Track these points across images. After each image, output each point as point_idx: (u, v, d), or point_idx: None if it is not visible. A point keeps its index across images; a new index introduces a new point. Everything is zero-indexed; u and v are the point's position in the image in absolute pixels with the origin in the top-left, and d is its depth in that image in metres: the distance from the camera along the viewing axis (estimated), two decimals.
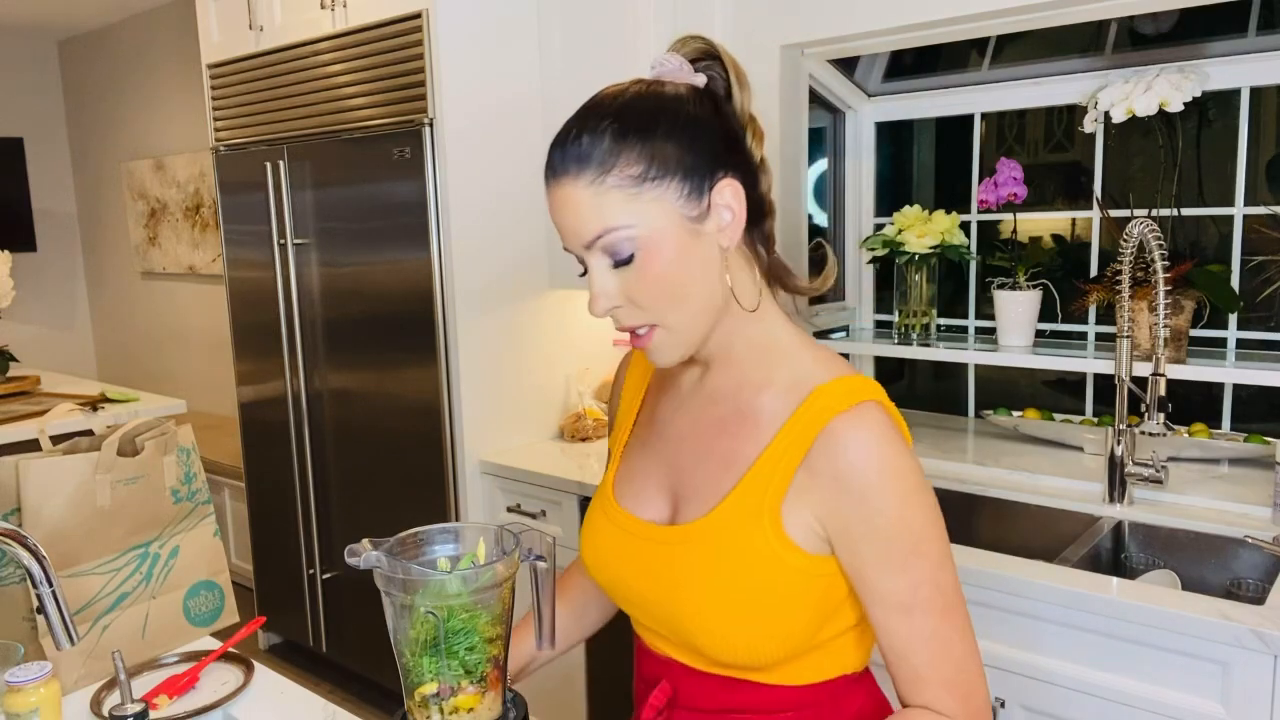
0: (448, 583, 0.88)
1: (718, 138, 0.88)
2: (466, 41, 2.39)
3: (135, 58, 4.85)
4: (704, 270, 0.87)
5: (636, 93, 0.89)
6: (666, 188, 0.85)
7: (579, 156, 0.86)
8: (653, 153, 0.85)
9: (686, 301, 0.87)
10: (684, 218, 0.86)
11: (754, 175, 0.92)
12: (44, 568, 1.05)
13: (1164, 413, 1.77)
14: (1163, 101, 1.99)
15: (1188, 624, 1.39)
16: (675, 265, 0.86)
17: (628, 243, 0.85)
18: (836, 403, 0.86)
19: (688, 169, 0.85)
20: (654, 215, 0.85)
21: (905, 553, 0.85)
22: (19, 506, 2.00)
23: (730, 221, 0.87)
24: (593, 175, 0.85)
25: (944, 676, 0.86)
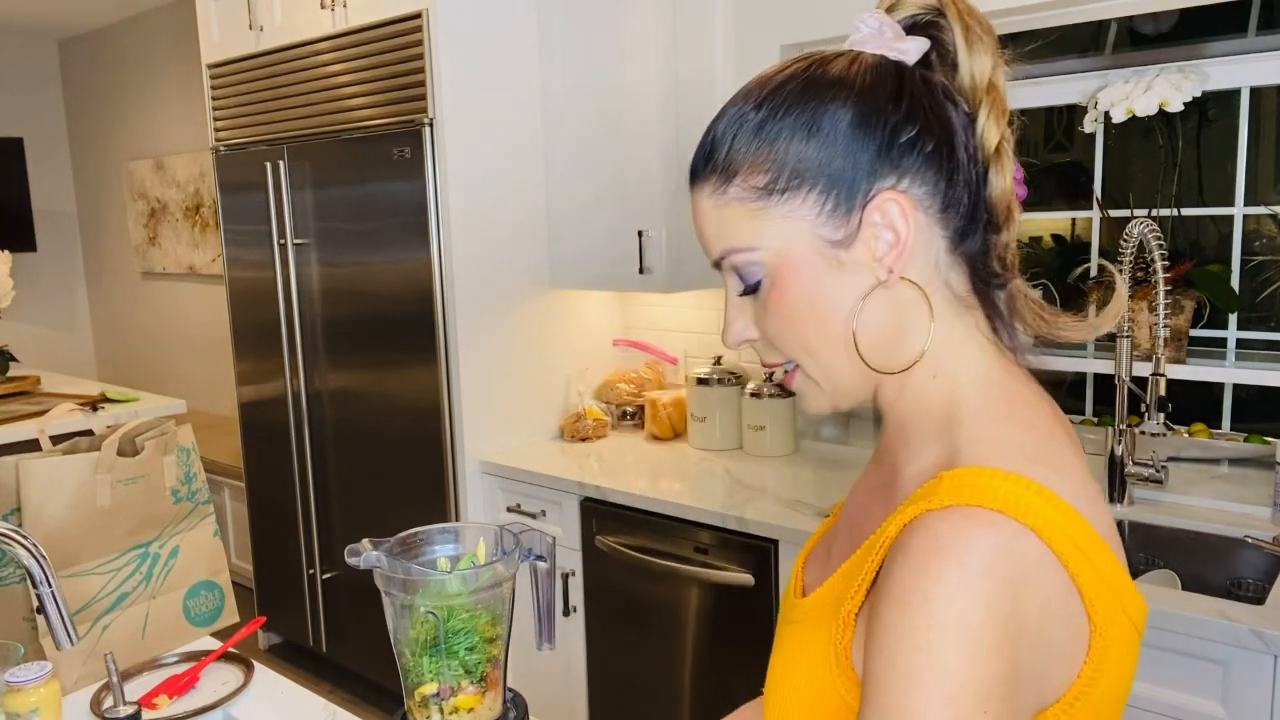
0: (448, 583, 0.89)
1: (894, 130, 0.66)
2: (466, 41, 2.39)
3: (135, 58, 4.85)
4: (855, 304, 0.67)
5: (790, 74, 0.69)
6: (801, 202, 0.67)
7: (705, 159, 0.71)
8: (786, 156, 0.67)
9: (823, 345, 0.69)
10: (823, 241, 0.67)
11: (972, 173, 0.68)
12: (44, 568, 1.05)
13: (1164, 413, 1.77)
14: (1163, 101, 1.99)
15: (1188, 624, 1.39)
16: (808, 301, 0.68)
17: (754, 267, 0.69)
18: (940, 496, 0.62)
19: (833, 178, 0.66)
20: (783, 236, 0.67)
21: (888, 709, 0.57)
22: (19, 506, 2.00)
23: (891, 247, 0.66)
24: (715, 183, 0.70)
25: None
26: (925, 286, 0.68)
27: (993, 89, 0.69)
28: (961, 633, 0.56)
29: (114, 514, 2.11)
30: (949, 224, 0.68)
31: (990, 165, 0.68)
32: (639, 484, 2.21)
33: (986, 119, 0.68)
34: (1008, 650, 0.57)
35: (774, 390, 2.33)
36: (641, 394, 2.71)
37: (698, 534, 2.07)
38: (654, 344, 2.79)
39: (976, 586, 0.57)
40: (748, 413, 2.39)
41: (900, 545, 0.62)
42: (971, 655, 0.56)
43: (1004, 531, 0.59)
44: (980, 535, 0.59)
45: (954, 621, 0.57)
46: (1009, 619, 0.57)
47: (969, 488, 0.61)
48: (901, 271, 0.67)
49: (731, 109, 0.70)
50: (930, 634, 0.57)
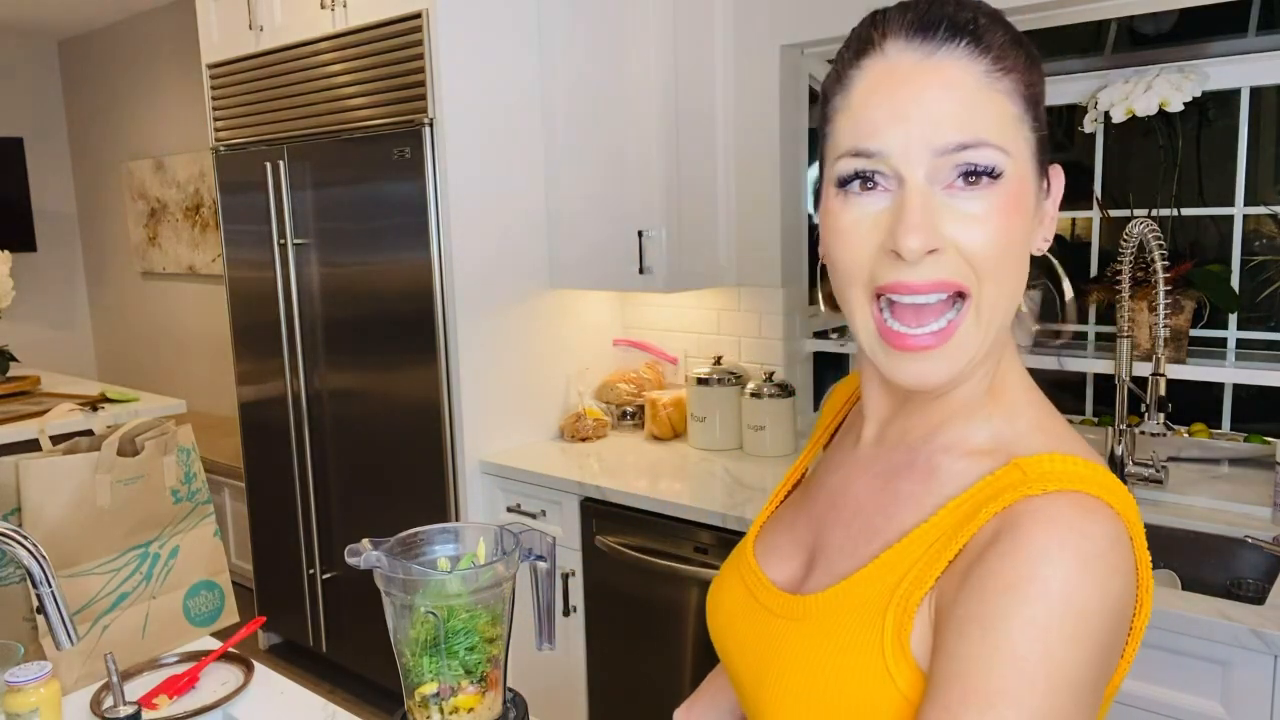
0: (448, 583, 0.89)
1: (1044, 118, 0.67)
2: (466, 41, 2.39)
3: (135, 58, 4.85)
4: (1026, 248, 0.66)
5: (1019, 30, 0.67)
6: (1037, 143, 0.65)
7: (975, 32, 0.62)
8: (1035, 85, 0.65)
9: (1016, 278, 0.65)
10: (1036, 184, 0.66)
11: None
12: (44, 568, 1.05)
13: (1164, 413, 1.77)
14: (1163, 101, 1.99)
15: (1188, 624, 1.39)
16: (1022, 229, 0.64)
17: (999, 159, 0.62)
18: (1033, 482, 0.61)
19: (1043, 126, 0.66)
20: (1027, 158, 0.64)
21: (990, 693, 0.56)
22: (19, 506, 2.00)
23: (1052, 214, 0.68)
24: (990, 64, 0.62)
25: None
26: None
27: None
28: (1079, 624, 0.56)
29: (114, 514, 2.11)
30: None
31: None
32: (639, 484, 2.21)
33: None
34: (1110, 638, 0.58)
35: (774, 390, 2.33)
36: (641, 394, 2.71)
37: (698, 534, 2.06)
38: (654, 344, 2.79)
39: (1095, 577, 0.57)
40: (748, 413, 2.39)
41: (1004, 533, 0.59)
42: (1083, 646, 0.56)
43: (1111, 519, 0.59)
44: (1096, 522, 0.58)
45: (1075, 613, 0.56)
46: (1114, 607, 0.58)
47: (1063, 474, 0.60)
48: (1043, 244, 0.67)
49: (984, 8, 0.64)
50: (1049, 622, 0.56)
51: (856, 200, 0.64)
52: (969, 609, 0.59)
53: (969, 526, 0.62)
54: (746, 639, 0.77)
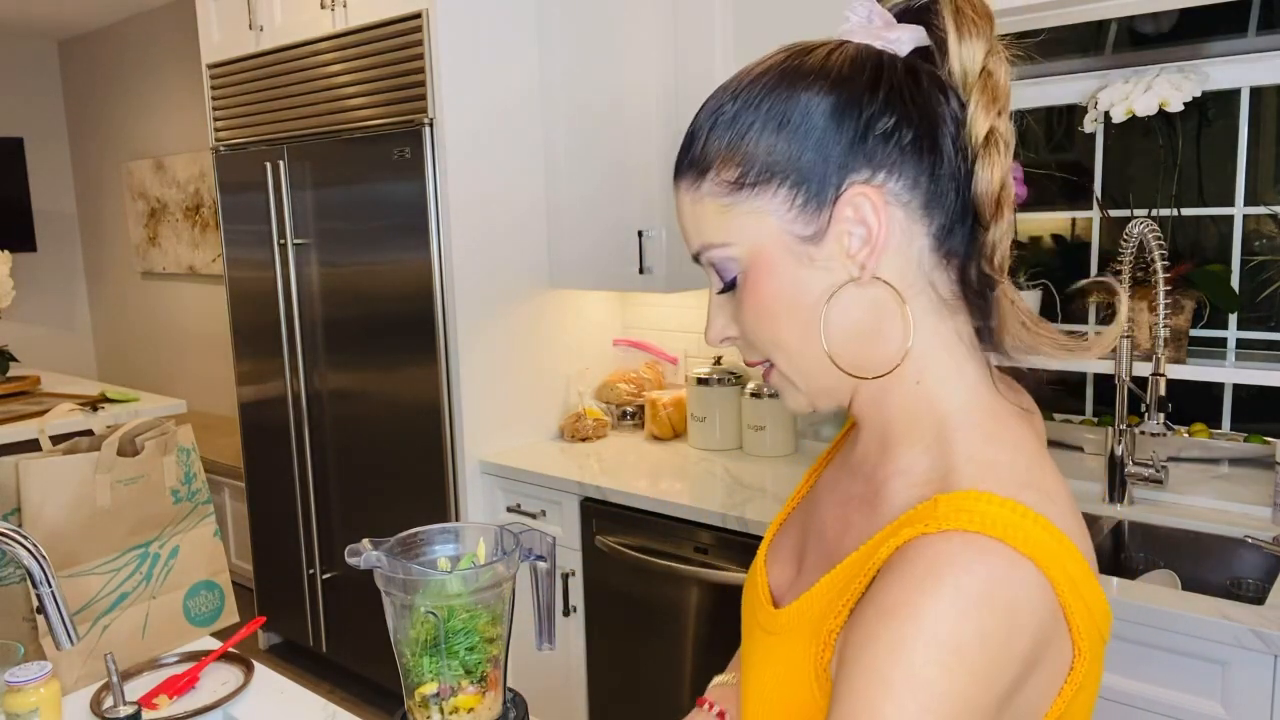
0: (448, 583, 0.89)
1: (870, 119, 0.63)
2: (466, 41, 2.39)
3: (135, 58, 4.85)
4: (824, 300, 0.65)
5: (774, 64, 0.67)
6: (770, 197, 0.65)
7: (683, 154, 0.69)
8: (756, 150, 0.64)
9: (796, 344, 0.67)
10: (792, 237, 0.65)
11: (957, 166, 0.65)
12: (44, 568, 1.05)
13: (1164, 413, 1.77)
14: (1163, 101, 1.99)
15: (1188, 624, 1.39)
16: (778, 298, 0.66)
17: (729, 264, 0.67)
18: (938, 519, 0.59)
19: (802, 172, 0.64)
20: (754, 232, 0.65)
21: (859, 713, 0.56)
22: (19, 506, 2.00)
23: (863, 243, 0.64)
24: (691, 179, 0.68)
25: None
26: (906, 287, 0.65)
27: (987, 77, 0.65)
28: (947, 651, 0.54)
29: (114, 514, 2.11)
30: (932, 221, 0.65)
31: (979, 157, 0.64)
32: (639, 484, 2.21)
33: (975, 108, 0.64)
34: (995, 681, 0.56)
35: (774, 390, 2.34)
36: (641, 394, 2.71)
37: (698, 534, 2.07)
38: (654, 344, 2.79)
39: (971, 612, 0.55)
40: (748, 413, 2.39)
41: (893, 565, 0.60)
42: (954, 675, 0.54)
43: (1004, 559, 0.57)
44: (980, 561, 0.57)
45: (943, 639, 0.55)
46: (1002, 650, 0.56)
47: (968, 513, 0.59)
48: (875, 269, 0.64)
49: (711, 102, 0.68)
50: (915, 645, 0.55)
51: None
52: (852, 636, 0.59)
53: (875, 558, 0.62)
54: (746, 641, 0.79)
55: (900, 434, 0.68)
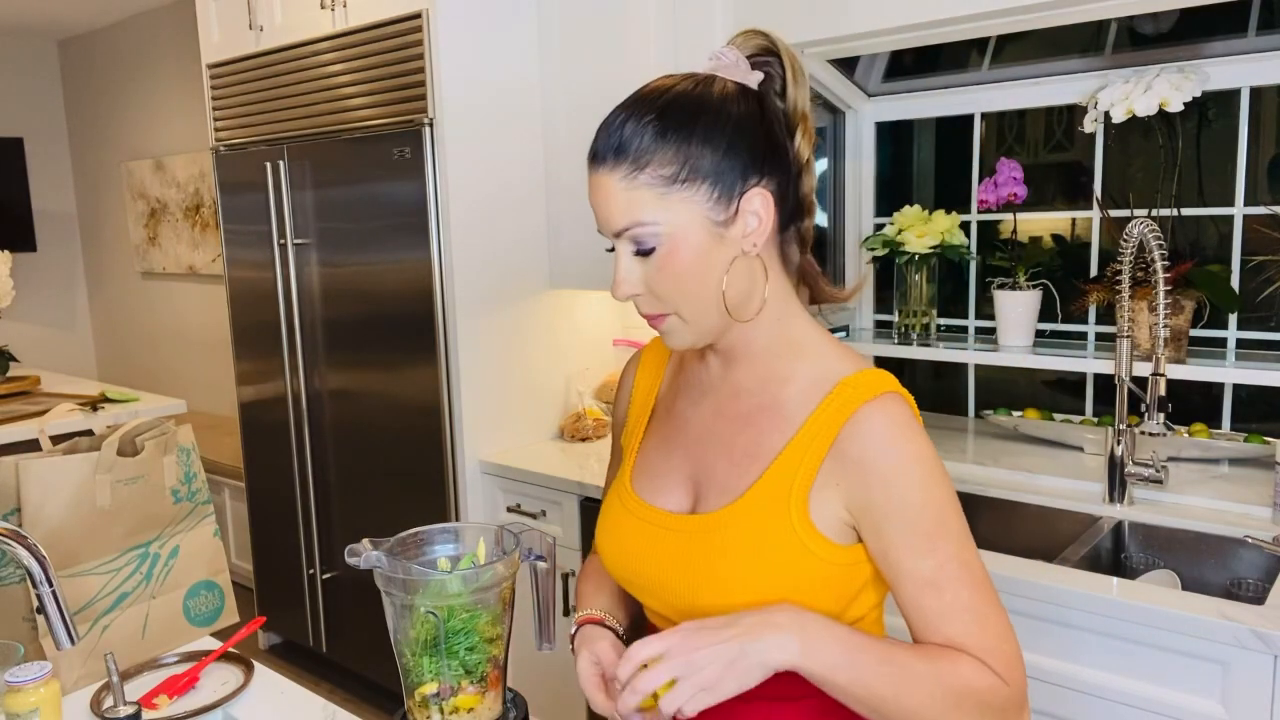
0: (448, 583, 0.89)
1: (757, 142, 0.89)
2: (466, 41, 2.39)
3: (135, 58, 4.85)
4: (723, 271, 0.90)
5: (684, 90, 0.90)
6: (696, 191, 0.87)
7: (618, 148, 0.88)
8: (688, 155, 0.87)
9: (702, 298, 0.90)
10: (710, 221, 0.88)
11: (794, 176, 0.93)
12: (44, 568, 1.05)
13: (1164, 413, 1.77)
14: (1163, 101, 1.99)
15: (1188, 624, 1.39)
16: (695, 264, 0.89)
17: (653, 237, 0.88)
18: (862, 393, 0.89)
19: (720, 174, 0.88)
20: (681, 215, 0.88)
21: (931, 533, 0.87)
22: (19, 506, 2.00)
23: (756, 228, 0.90)
24: (628, 169, 0.87)
25: (984, 646, 0.86)
26: (770, 258, 0.94)
27: (805, 116, 0.93)
28: (935, 465, 0.89)
29: (114, 514, 2.11)
30: (783, 213, 0.93)
31: (802, 171, 0.94)
32: None
33: (801, 138, 0.93)
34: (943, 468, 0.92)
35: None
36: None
37: None
38: None
39: (924, 437, 0.90)
40: None
41: (861, 429, 0.88)
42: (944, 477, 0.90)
43: (908, 402, 0.92)
44: (906, 408, 0.91)
45: (930, 460, 0.89)
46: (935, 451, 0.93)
47: (875, 383, 0.91)
48: (759, 248, 0.91)
49: (635, 114, 0.89)
50: (934, 472, 0.89)
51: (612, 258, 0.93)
52: (883, 495, 0.88)
53: (831, 429, 0.90)
54: (656, 558, 0.96)
55: (775, 355, 0.96)
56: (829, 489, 0.90)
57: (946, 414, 2.62)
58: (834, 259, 2.72)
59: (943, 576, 0.87)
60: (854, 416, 0.88)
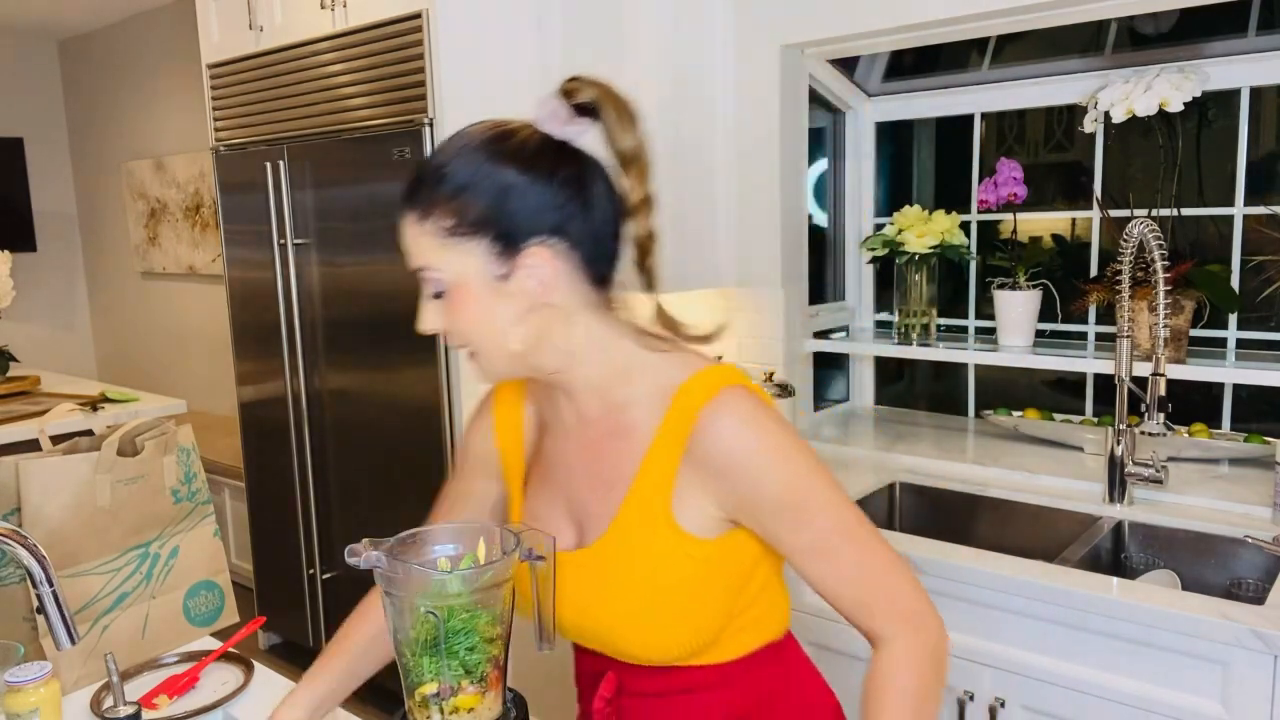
0: (448, 583, 0.89)
1: (548, 196, 0.90)
2: (466, 42, 2.39)
3: (135, 58, 4.85)
4: (509, 322, 0.92)
5: (479, 143, 0.91)
6: (475, 244, 0.89)
7: (412, 193, 0.92)
8: (466, 210, 0.89)
9: (491, 343, 0.93)
10: (490, 275, 0.90)
11: (611, 221, 0.94)
12: (44, 568, 1.05)
13: (1164, 413, 1.77)
14: (1163, 101, 1.99)
15: (1188, 624, 1.39)
16: (479, 314, 0.91)
17: (438, 283, 0.92)
18: (699, 397, 0.92)
19: (499, 230, 0.89)
20: (459, 266, 0.90)
21: (800, 507, 0.92)
22: (19, 506, 2.00)
23: (538, 285, 0.90)
24: (416, 216, 0.91)
25: (879, 597, 0.95)
26: (576, 306, 0.93)
27: (638, 159, 0.93)
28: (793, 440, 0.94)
29: (114, 514, 2.11)
30: (592, 268, 0.93)
31: (635, 214, 0.94)
32: None
33: (632, 181, 0.93)
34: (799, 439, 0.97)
35: (774, 390, 2.34)
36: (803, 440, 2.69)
37: None
38: None
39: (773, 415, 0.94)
40: None
41: (707, 434, 0.91)
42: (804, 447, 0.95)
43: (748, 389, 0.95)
44: (746, 396, 0.93)
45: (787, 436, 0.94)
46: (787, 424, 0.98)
47: (714, 381, 0.93)
48: (548, 299, 0.91)
49: (438, 157, 0.91)
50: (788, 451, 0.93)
51: None
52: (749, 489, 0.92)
53: (679, 439, 0.93)
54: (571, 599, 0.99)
55: (609, 386, 0.98)
56: (692, 494, 0.93)
57: (946, 414, 2.62)
58: (834, 259, 2.72)
59: (824, 545, 0.93)
60: (697, 423, 0.91)
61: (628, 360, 0.97)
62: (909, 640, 0.94)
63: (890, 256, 2.43)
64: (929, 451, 2.25)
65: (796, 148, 2.43)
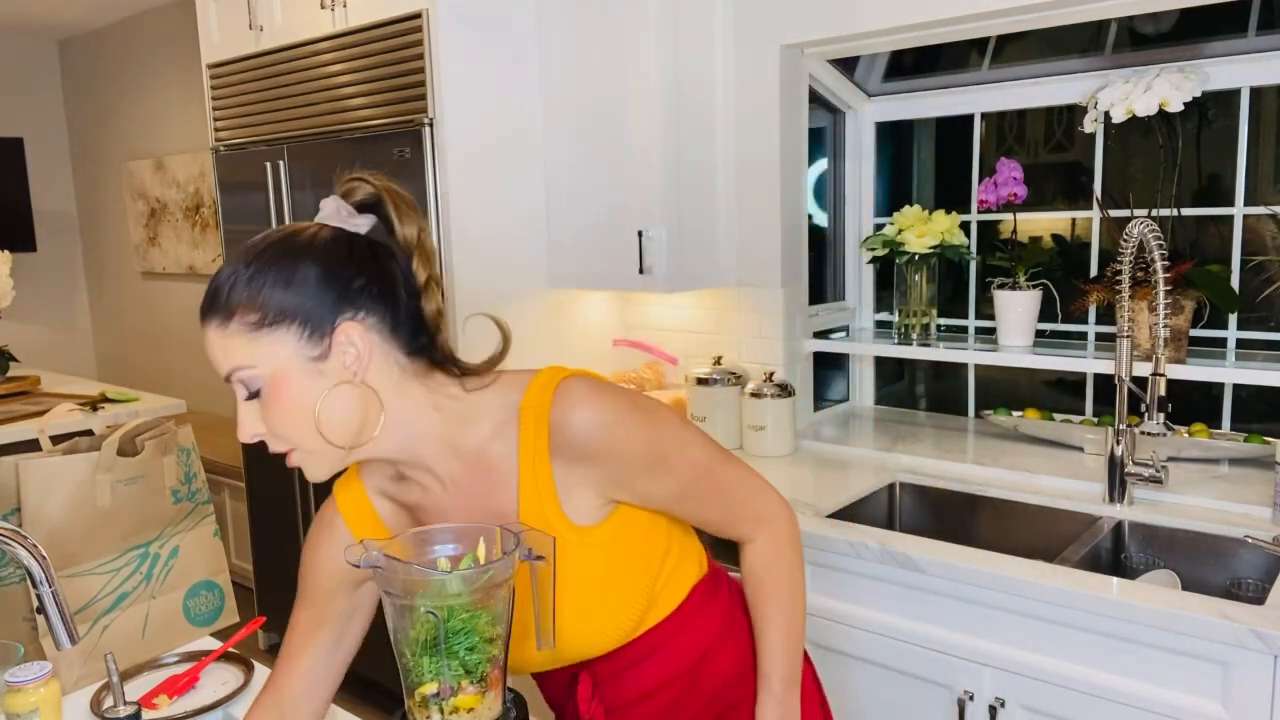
0: (448, 583, 0.89)
1: (346, 279, 0.94)
2: (467, 42, 2.39)
3: (135, 58, 4.85)
4: (334, 400, 0.94)
5: (271, 242, 0.95)
6: (285, 332, 0.92)
7: (211, 302, 0.94)
8: (270, 301, 0.92)
9: (318, 429, 0.94)
10: (305, 358, 0.92)
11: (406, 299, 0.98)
12: (44, 568, 1.05)
13: (1164, 413, 1.77)
14: (1163, 101, 1.99)
15: (1188, 624, 1.39)
16: (300, 400, 0.93)
17: (255, 379, 0.93)
18: (541, 408, 1.00)
19: (307, 314, 0.92)
20: (274, 356, 0.92)
21: (659, 461, 1.03)
22: (19, 506, 2.00)
23: (355, 360, 0.94)
24: (220, 320, 0.93)
25: (739, 512, 1.11)
26: (396, 377, 0.97)
27: (421, 245, 0.99)
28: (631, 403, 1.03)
29: (114, 514, 2.11)
30: (401, 337, 0.97)
31: (421, 294, 0.98)
32: None
33: (417, 265, 0.98)
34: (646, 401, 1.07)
35: (774, 390, 2.34)
36: (641, 394, 2.70)
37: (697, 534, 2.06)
38: (654, 344, 2.79)
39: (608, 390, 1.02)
40: (748, 413, 2.39)
41: (563, 435, 0.99)
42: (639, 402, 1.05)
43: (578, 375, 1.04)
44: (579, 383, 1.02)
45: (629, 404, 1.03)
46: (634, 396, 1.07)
47: (547, 385, 1.02)
48: (364, 376, 0.94)
49: (228, 267, 0.94)
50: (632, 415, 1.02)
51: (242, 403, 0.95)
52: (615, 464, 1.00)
53: (540, 451, 1.00)
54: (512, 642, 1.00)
55: (456, 437, 1.02)
56: (572, 489, 1.01)
57: (946, 414, 2.62)
58: (834, 259, 2.72)
59: (690, 487, 1.05)
60: (551, 425, 0.99)
61: (463, 409, 1.02)
62: (767, 534, 1.12)
63: (890, 256, 2.43)
64: (929, 451, 2.25)
65: (796, 148, 2.43)
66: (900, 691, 1.72)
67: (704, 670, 1.13)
